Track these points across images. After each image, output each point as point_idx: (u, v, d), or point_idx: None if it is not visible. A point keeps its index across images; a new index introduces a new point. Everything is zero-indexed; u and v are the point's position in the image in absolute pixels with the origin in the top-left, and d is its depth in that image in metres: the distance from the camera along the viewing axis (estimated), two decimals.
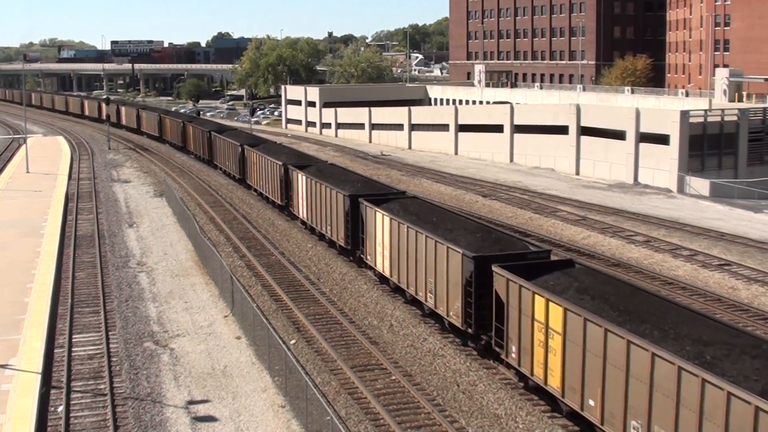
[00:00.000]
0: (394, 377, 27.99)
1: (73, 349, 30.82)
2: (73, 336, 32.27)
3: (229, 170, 69.33)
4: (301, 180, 48.24)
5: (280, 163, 52.84)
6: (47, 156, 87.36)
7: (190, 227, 47.94)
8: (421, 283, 32.19)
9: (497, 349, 27.14)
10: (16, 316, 33.56)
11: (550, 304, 23.72)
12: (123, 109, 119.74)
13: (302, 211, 48.59)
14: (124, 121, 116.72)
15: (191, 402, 26.31)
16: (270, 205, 57.29)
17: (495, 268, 26.69)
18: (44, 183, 69.22)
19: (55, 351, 30.65)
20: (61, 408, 25.65)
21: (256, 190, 60.80)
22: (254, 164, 60.18)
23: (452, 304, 29.58)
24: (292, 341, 31.49)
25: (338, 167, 53.16)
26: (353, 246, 40.35)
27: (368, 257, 38.07)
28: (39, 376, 27.24)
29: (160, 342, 31.80)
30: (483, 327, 28.02)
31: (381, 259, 36.27)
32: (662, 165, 66.64)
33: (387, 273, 35.77)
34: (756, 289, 37.29)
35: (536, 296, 24.38)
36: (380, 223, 36.03)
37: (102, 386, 27.46)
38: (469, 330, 28.71)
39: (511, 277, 25.75)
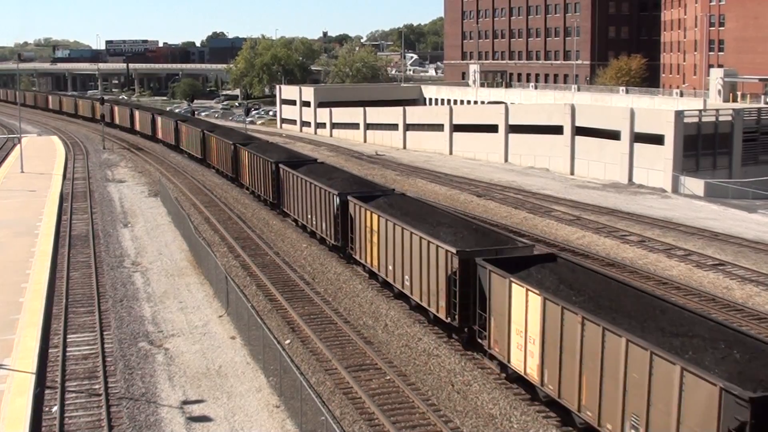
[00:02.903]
0: (388, 377, 28.02)
1: (68, 349, 30.80)
2: (68, 336, 32.23)
3: (314, 228, 45.76)
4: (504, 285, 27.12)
5: (448, 250, 29.60)
6: (42, 156, 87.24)
7: (185, 227, 47.91)
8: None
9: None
10: (10, 316, 33.51)
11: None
12: (158, 120, 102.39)
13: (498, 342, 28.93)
14: (159, 135, 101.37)
15: (186, 402, 26.30)
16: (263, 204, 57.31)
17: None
18: (39, 183, 69.11)
19: (50, 351, 30.61)
20: (55, 408, 25.63)
21: (363, 266, 39.44)
22: (366, 226, 37.80)
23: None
24: (287, 341, 31.49)
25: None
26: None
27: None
28: (33, 376, 27.21)
29: (154, 342, 31.78)
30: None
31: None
32: (657, 165, 66.76)
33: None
34: (750, 289, 37.37)
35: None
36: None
37: (97, 386, 27.43)
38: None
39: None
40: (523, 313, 24.83)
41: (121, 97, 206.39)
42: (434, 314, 31.10)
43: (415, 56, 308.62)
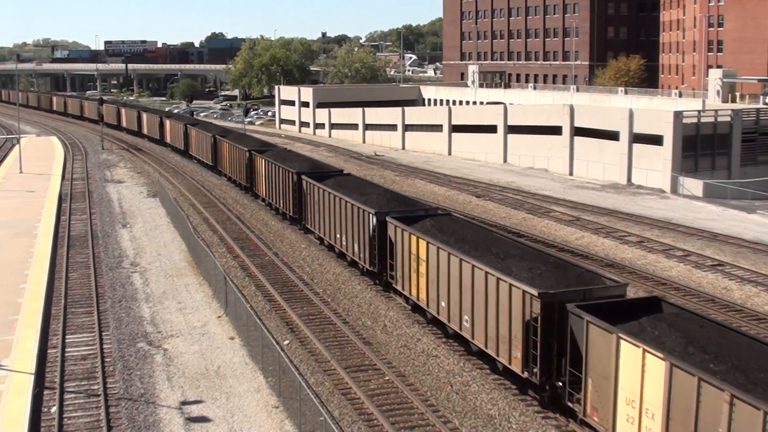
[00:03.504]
0: (387, 377, 28.01)
1: (67, 350, 30.78)
2: (67, 336, 32.22)
3: (343, 249, 41.37)
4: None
5: (527, 291, 25.01)
6: (41, 156, 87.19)
7: (184, 228, 47.90)
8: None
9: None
10: (9, 316, 33.49)
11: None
12: (167, 123, 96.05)
13: None
14: (167, 139, 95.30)
15: (185, 402, 26.30)
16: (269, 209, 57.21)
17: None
18: (37, 183, 69.08)
19: (49, 351, 30.60)
20: (54, 409, 25.62)
21: (406, 299, 34.77)
22: (411, 253, 33.35)
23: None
24: (286, 342, 31.48)
25: None
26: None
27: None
28: (32, 377, 27.20)
29: (153, 342, 31.76)
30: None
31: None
32: (655, 165, 66.78)
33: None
34: (749, 290, 37.38)
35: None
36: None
37: (95, 387, 27.43)
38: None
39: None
40: (637, 380, 20.49)
41: (123, 97, 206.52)
42: (504, 365, 26.34)
43: (414, 57, 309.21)
